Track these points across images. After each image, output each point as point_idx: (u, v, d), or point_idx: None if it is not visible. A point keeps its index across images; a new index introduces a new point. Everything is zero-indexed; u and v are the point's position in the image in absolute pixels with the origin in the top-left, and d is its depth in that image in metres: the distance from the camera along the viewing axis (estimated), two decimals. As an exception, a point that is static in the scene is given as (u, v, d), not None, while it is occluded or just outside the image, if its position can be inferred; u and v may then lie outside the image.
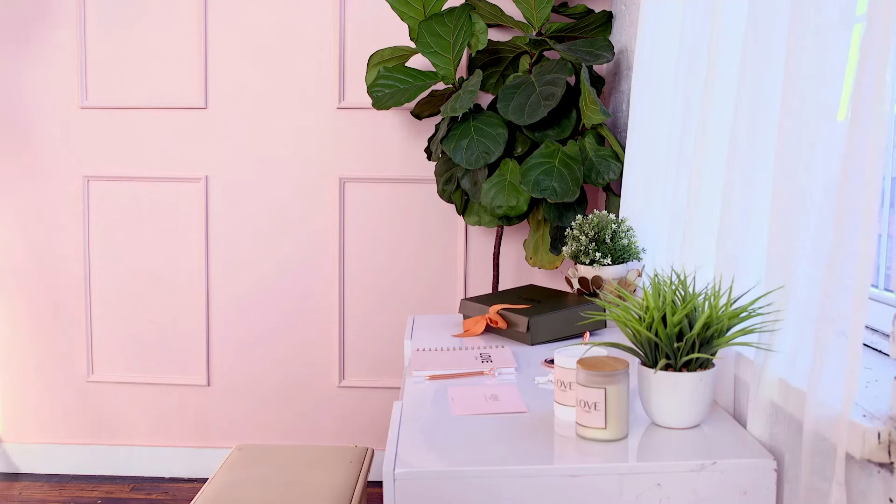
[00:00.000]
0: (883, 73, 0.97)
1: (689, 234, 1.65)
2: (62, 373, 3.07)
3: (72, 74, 2.96)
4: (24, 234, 3.03)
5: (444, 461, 1.24)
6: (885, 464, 0.99)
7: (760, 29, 1.35)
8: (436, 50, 2.62)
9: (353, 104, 2.95)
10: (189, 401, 3.07)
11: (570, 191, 2.41)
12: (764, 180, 1.37)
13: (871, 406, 1.05)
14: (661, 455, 1.25)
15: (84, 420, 3.08)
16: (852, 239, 1.02)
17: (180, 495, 2.91)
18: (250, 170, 2.99)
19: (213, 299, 3.03)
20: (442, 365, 1.73)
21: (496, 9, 2.68)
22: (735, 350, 1.43)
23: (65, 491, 2.94)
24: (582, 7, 2.71)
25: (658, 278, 1.36)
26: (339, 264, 3.01)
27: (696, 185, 1.62)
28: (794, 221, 1.20)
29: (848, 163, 1.03)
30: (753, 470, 1.21)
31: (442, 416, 1.43)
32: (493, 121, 2.54)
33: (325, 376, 3.05)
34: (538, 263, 2.72)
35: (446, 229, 3.00)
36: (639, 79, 2.14)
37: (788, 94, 1.22)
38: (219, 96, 2.96)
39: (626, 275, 2.10)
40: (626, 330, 1.35)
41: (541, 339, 1.92)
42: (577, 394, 1.31)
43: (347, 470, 1.96)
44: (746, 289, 1.38)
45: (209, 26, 2.93)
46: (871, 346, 1.34)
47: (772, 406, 1.26)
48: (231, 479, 1.90)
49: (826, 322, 1.06)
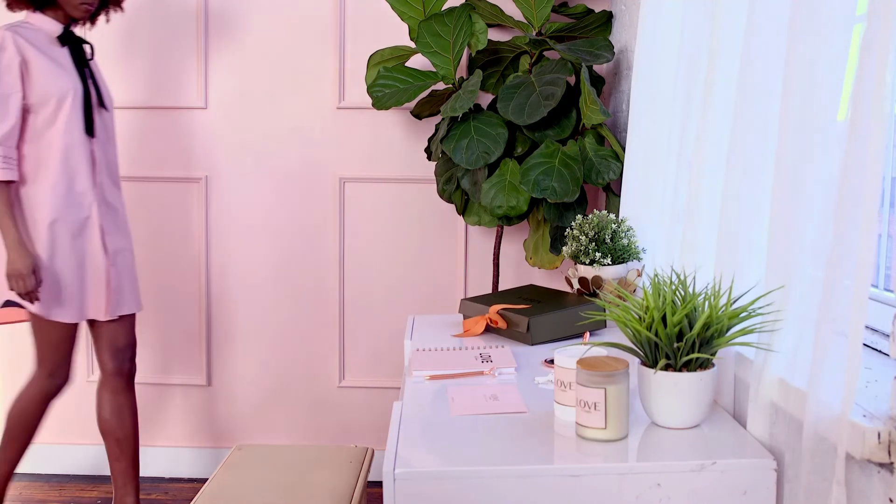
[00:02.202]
0: (883, 73, 0.97)
1: (689, 234, 1.65)
2: (62, 373, 3.07)
3: (72, 74, 2.95)
4: (24, 234, 3.03)
5: (444, 461, 1.24)
6: (885, 464, 0.99)
7: (760, 29, 1.35)
8: (436, 50, 2.62)
9: (353, 104, 2.95)
10: (189, 401, 3.07)
11: (570, 191, 2.41)
12: (764, 180, 1.37)
13: (871, 406, 1.05)
14: (660, 455, 1.25)
15: (84, 420, 3.08)
16: (852, 239, 1.02)
17: (180, 495, 2.91)
18: (250, 170, 2.99)
19: (213, 299, 3.03)
20: (442, 365, 1.73)
21: (496, 9, 2.68)
22: (735, 350, 1.43)
23: (65, 491, 2.94)
24: (582, 7, 2.71)
25: (658, 278, 1.36)
26: (339, 264, 3.01)
27: (696, 185, 1.62)
28: (794, 221, 1.20)
29: (848, 163, 1.03)
30: (753, 470, 1.21)
31: (442, 416, 1.43)
32: (493, 121, 2.54)
33: (325, 376, 3.05)
34: (538, 263, 2.72)
35: (446, 229, 3.00)
36: (639, 79, 2.14)
37: (788, 94, 1.22)
38: (219, 96, 2.96)
39: (626, 275, 2.10)
40: (626, 330, 1.35)
41: (541, 339, 1.92)
42: (577, 394, 1.31)
43: (347, 470, 1.96)
44: (746, 289, 1.38)
45: (209, 26, 2.93)
46: (871, 346, 1.34)
47: (772, 406, 1.26)
48: (231, 479, 1.91)
49: (826, 322, 1.06)
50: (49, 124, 2.30)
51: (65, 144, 2.31)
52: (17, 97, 2.25)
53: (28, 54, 2.26)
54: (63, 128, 2.31)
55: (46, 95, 2.28)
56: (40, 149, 2.30)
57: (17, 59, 2.24)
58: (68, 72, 2.33)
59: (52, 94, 2.29)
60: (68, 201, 2.32)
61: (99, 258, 2.38)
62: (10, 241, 2.23)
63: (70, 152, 2.32)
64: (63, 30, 2.35)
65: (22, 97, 2.26)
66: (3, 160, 2.23)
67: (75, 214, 2.34)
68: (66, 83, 2.31)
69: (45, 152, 2.30)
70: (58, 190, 2.30)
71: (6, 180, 2.23)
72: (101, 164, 2.41)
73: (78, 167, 2.34)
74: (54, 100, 2.29)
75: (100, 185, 2.40)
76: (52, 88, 2.28)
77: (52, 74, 2.29)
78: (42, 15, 2.34)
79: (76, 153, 2.33)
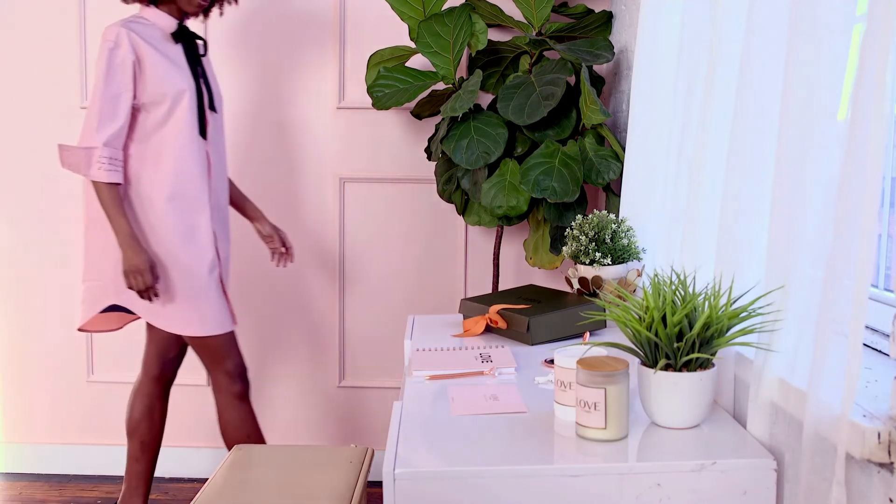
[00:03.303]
0: (883, 73, 0.97)
1: (689, 234, 1.65)
2: (62, 373, 3.07)
3: (73, 74, 2.95)
4: (25, 234, 3.03)
5: (444, 461, 1.24)
6: (885, 464, 0.99)
7: (760, 29, 1.35)
8: (436, 50, 2.62)
9: (353, 104, 2.95)
10: (189, 401, 3.07)
11: (570, 191, 2.41)
12: (764, 180, 1.37)
13: (871, 406, 1.05)
14: (660, 455, 1.25)
15: (84, 420, 3.08)
16: (852, 239, 1.02)
17: (180, 495, 2.91)
18: (250, 170, 2.99)
19: (213, 299, 3.03)
20: (442, 365, 1.73)
21: (496, 9, 2.68)
22: (735, 350, 1.43)
23: (65, 491, 2.94)
24: (582, 7, 2.71)
25: (658, 278, 1.36)
26: (339, 264, 3.01)
27: (696, 185, 1.62)
28: (794, 221, 1.20)
29: (848, 163, 1.03)
30: (753, 470, 1.21)
31: (442, 416, 1.43)
32: (493, 121, 2.54)
33: (325, 376, 3.05)
34: (538, 263, 2.72)
35: (446, 229, 3.00)
36: (639, 79, 2.14)
37: (788, 94, 1.22)
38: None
39: (626, 275, 2.10)
40: (626, 330, 1.35)
41: (541, 339, 1.92)
42: (577, 394, 1.31)
43: (347, 470, 1.96)
44: (746, 289, 1.38)
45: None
46: (871, 346, 1.34)
47: (772, 406, 1.26)
48: (231, 479, 1.90)
49: (826, 322, 1.06)
50: (160, 125, 2.23)
51: (178, 146, 2.24)
52: (128, 97, 2.18)
53: (142, 52, 2.19)
54: (176, 129, 2.24)
55: (160, 95, 2.21)
56: (147, 149, 2.24)
57: (130, 56, 2.17)
58: (182, 70, 2.26)
59: (166, 94, 2.22)
60: (181, 207, 2.26)
61: (214, 265, 2.32)
62: (124, 239, 2.17)
63: (182, 154, 2.25)
64: (177, 26, 2.28)
65: (133, 97, 2.19)
66: (109, 162, 2.16)
67: (189, 220, 2.27)
68: (181, 82, 2.24)
69: (152, 153, 2.24)
70: (170, 193, 2.24)
71: (111, 182, 2.17)
72: (215, 167, 2.36)
73: (191, 170, 2.26)
74: (168, 99, 2.22)
75: (215, 191, 2.35)
76: (167, 88, 2.21)
77: (166, 73, 2.22)
78: (156, 10, 2.27)
79: (189, 155, 2.26)
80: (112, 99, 2.17)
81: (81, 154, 2.18)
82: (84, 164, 2.18)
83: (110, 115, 2.17)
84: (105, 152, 2.16)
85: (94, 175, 2.17)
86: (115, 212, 2.17)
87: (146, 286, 2.18)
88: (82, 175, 2.20)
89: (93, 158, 2.17)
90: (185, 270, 2.27)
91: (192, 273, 2.28)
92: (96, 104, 2.17)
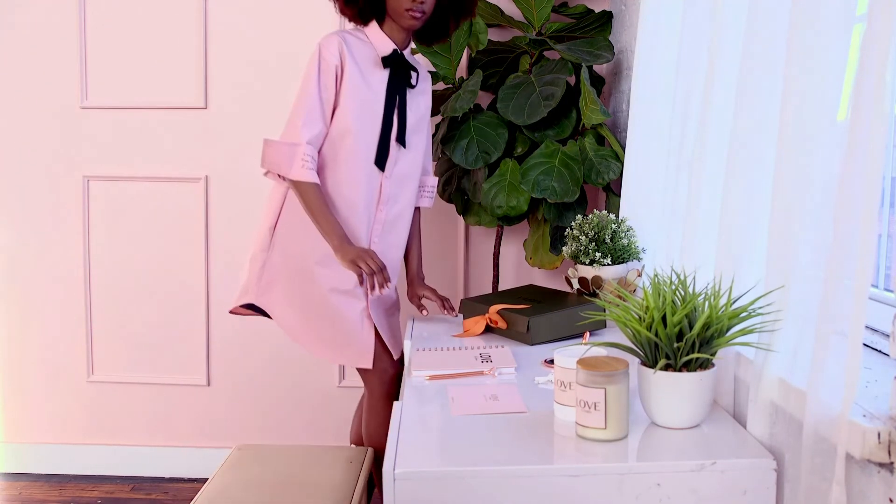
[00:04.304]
0: (883, 73, 0.97)
1: (689, 234, 1.65)
2: (62, 373, 3.07)
3: (73, 74, 2.95)
4: (25, 234, 3.03)
5: (444, 461, 1.24)
6: (885, 464, 0.99)
7: (761, 29, 1.35)
8: (436, 50, 2.62)
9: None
10: (189, 401, 3.07)
11: (570, 191, 2.41)
12: (764, 180, 1.37)
13: (871, 406, 1.05)
14: (660, 455, 1.25)
15: (84, 420, 3.08)
16: (852, 239, 1.02)
17: (180, 495, 2.91)
18: (250, 170, 2.99)
19: (213, 299, 3.03)
20: (442, 365, 1.73)
21: (496, 9, 2.68)
22: (735, 350, 1.43)
23: (65, 491, 2.94)
24: (582, 7, 2.71)
25: (658, 278, 1.36)
26: (339, 264, 3.00)
27: (696, 185, 1.62)
28: (794, 221, 1.20)
29: (848, 163, 1.03)
30: (753, 470, 1.21)
31: (442, 416, 1.43)
32: (493, 121, 2.54)
33: (325, 376, 3.05)
34: (538, 263, 2.72)
35: (446, 229, 2.99)
36: (639, 79, 2.14)
37: (788, 94, 1.22)
38: (219, 96, 2.96)
39: (626, 275, 2.10)
40: (626, 330, 1.35)
41: (541, 339, 1.92)
42: (577, 394, 1.31)
43: (347, 470, 1.96)
44: (746, 289, 1.38)
45: (209, 26, 2.93)
46: (871, 346, 1.34)
47: (772, 406, 1.26)
48: (231, 479, 1.90)
49: (826, 322, 1.06)
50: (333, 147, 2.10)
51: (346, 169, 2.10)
52: (331, 102, 2.07)
53: (347, 65, 2.07)
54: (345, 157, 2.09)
55: (340, 121, 2.08)
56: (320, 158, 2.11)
57: (335, 61, 2.05)
58: (373, 104, 2.11)
59: (345, 125, 2.08)
60: None
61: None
62: (338, 242, 2.04)
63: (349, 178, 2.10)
64: (392, 51, 2.13)
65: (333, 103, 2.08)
66: (311, 160, 2.04)
67: None
68: (363, 118, 2.09)
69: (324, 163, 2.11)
70: None
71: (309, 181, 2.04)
72: (388, 203, 2.17)
73: (353, 198, 2.11)
74: (344, 130, 2.08)
75: (380, 222, 2.17)
76: (348, 118, 2.08)
77: (354, 102, 2.08)
78: (379, 30, 2.13)
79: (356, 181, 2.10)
80: (319, 100, 2.07)
81: (285, 150, 2.05)
82: (286, 161, 2.04)
83: (316, 117, 2.06)
84: (309, 150, 2.04)
85: (296, 174, 2.03)
86: (323, 212, 2.04)
87: (378, 268, 2.03)
88: (282, 177, 2.09)
89: (296, 156, 2.04)
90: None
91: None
92: (303, 103, 2.07)
